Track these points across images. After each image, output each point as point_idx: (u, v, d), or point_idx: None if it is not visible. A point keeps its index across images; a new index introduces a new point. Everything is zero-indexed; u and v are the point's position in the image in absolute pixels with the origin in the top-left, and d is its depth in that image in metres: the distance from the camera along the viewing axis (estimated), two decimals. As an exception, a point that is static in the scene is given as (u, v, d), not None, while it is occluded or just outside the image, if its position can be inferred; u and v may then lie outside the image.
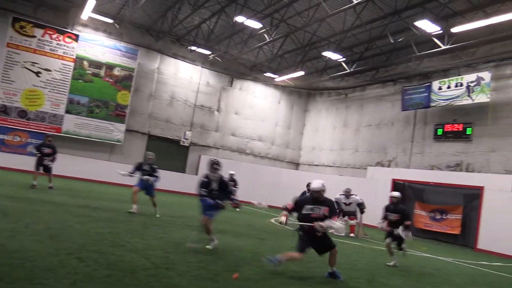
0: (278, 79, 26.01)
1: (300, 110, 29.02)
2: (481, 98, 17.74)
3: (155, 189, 11.87)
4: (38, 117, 20.40)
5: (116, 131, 22.18)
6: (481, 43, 17.22)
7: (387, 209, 9.51)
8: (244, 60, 25.53)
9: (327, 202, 6.75)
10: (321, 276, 6.82)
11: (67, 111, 21.07)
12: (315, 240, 6.66)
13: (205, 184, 7.70)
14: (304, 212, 6.70)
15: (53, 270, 4.81)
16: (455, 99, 18.75)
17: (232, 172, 18.51)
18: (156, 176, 11.70)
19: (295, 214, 6.87)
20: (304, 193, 12.71)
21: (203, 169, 23.50)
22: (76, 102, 21.33)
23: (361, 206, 15.05)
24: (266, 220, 15.32)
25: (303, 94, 29.01)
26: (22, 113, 20.14)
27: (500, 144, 17.44)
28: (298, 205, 6.82)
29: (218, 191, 7.71)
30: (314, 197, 6.72)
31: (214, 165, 7.74)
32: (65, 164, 19.14)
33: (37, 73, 20.47)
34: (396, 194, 9.64)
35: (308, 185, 12.64)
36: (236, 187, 17.75)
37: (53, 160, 14.11)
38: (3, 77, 19.75)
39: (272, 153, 27.84)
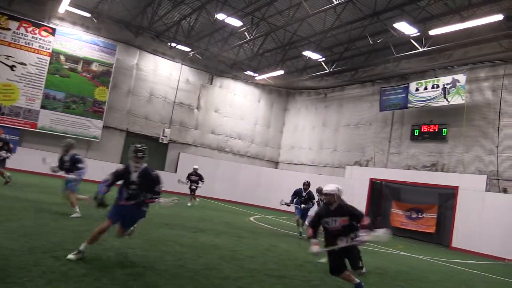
0: (258, 77, 26.04)
1: (280, 109, 29.11)
2: (456, 100, 18.12)
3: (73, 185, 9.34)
4: (12, 112, 19.90)
5: (93, 127, 21.82)
6: (457, 46, 17.59)
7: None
8: (224, 58, 25.45)
9: (344, 209, 5.61)
10: (295, 274, 6.86)
11: (43, 106, 20.61)
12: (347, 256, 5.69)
13: (119, 174, 5.88)
14: (324, 226, 5.72)
15: (27, 269, 4.70)
16: (431, 101, 19.10)
17: (195, 166, 18.21)
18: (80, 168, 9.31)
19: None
20: (298, 190, 12.62)
21: (183, 167, 23.56)
22: (52, 97, 20.89)
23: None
24: (246, 218, 15.32)
25: (283, 93, 29.10)
26: (-4, 108, 19.62)
27: (474, 145, 17.87)
28: (317, 223, 5.75)
29: (139, 185, 5.77)
30: (326, 203, 5.74)
31: (138, 153, 5.78)
32: (40, 160, 18.71)
33: (12, 67, 19.94)
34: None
35: (304, 184, 12.56)
36: (201, 181, 17.60)
37: (6, 153, 13.40)
38: (-24, 70, 19.19)
39: (251, 152, 27.85)
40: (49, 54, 20.74)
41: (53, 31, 20.85)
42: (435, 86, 19.01)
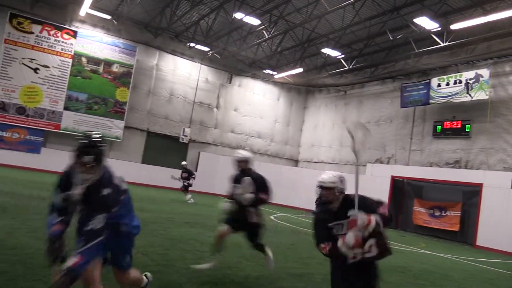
0: (277, 76, 26.00)
1: (299, 107, 29.01)
2: (480, 95, 17.74)
3: None
4: (36, 114, 20.36)
5: (115, 128, 22.16)
6: (480, 40, 17.23)
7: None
8: (243, 57, 25.49)
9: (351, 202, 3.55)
10: (316, 272, 6.83)
11: (66, 108, 21.04)
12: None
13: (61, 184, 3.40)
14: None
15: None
16: (454, 96, 18.75)
17: (184, 162, 17.75)
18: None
19: None
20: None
21: (203, 166, 23.72)
22: (74, 98, 21.29)
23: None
24: (266, 217, 15.27)
25: (302, 91, 28.99)
26: (21, 110, 20.09)
27: (499, 141, 17.47)
28: (327, 234, 3.63)
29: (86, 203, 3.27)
30: (323, 202, 3.76)
31: (83, 150, 3.18)
32: (64, 161, 19.09)
33: (35, 70, 20.41)
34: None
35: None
36: (192, 177, 17.04)
37: None
38: (1, 73, 19.70)
39: (271, 150, 27.84)
40: (71, 57, 21.14)
41: (74, 34, 21.25)
42: (457, 81, 18.65)
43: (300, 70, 23.59)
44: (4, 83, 19.76)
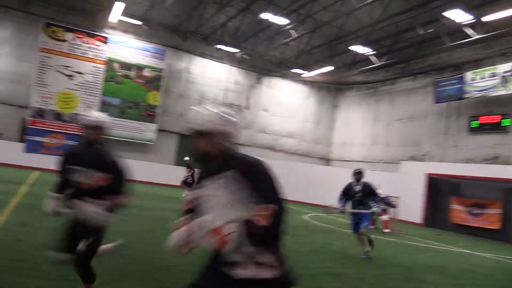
0: (306, 75, 25.85)
1: (330, 105, 28.76)
2: (517, 88, 17.13)
3: None
4: (73, 119, 20.99)
5: (147, 131, 22.60)
6: (515, 31, 16.61)
7: None
8: (271, 57, 25.47)
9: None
10: (352, 271, 6.75)
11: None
12: None
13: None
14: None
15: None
16: (489, 90, 18.18)
17: (186, 158, 17.13)
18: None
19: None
20: (348, 186, 8.60)
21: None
22: (108, 103, 21.83)
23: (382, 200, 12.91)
24: (299, 216, 15.25)
25: (332, 89, 28.73)
26: (58, 116, 20.77)
27: (540, 135, 16.81)
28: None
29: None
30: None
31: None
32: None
33: (70, 76, 21.07)
34: None
35: (355, 173, 8.53)
36: (193, 171, 16.19)
37: None
38: (38, 81, 20.42)
39: (302, 149, 27.72)
40: (103, 62, 21.70)
41: (106, 40, 21.80)
42: (493, 74, 18.07)
43: (329, 68, 23.38)
44: (41, 90, 20.48)
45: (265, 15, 18.31)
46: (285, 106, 27.19)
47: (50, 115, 20.64)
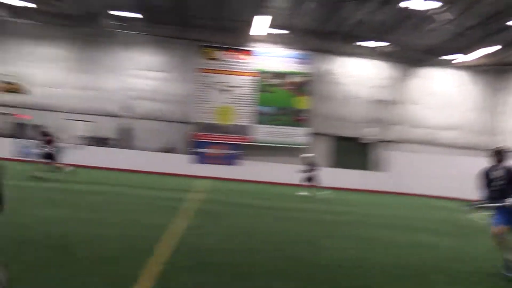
0: (459, 60, 23.77)
1: (492, 90, 25.90)
2: None
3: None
4: (232, 130, 22.99)
5: (300, 135, 23.48)
6: None
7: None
8: (418, 46, 24.06)
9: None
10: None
11: (256, 122, 23.22)
12: None
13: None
14: None
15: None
16: None
17: (304, 155, 17.34)
18: None
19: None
20: (484, 171, 6.71)
21: (394, 165, 22.95)
22: (262, 112, 23.37)
23: None
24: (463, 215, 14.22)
25: (493, 72, 25.83)
26: (219, 128, 23.02)
27: None
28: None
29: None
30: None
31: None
32: (261, 170, 22.00)
33: (226, 91, 23.19)
34: None
35: (496, 153, 6.64)
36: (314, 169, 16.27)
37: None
38: (199, 98, 23.03)
39: (463, 142, 25.46)
40: (254, 74, 23.34)
41: (253, 53, 23.44)
42: None
43: (487, 49, 21.09)
44: (203, 106, 22.98)
45: (407, 3, 17.52)
46: (438, 97, 25.41)
47: (213, 128, 22.96)
